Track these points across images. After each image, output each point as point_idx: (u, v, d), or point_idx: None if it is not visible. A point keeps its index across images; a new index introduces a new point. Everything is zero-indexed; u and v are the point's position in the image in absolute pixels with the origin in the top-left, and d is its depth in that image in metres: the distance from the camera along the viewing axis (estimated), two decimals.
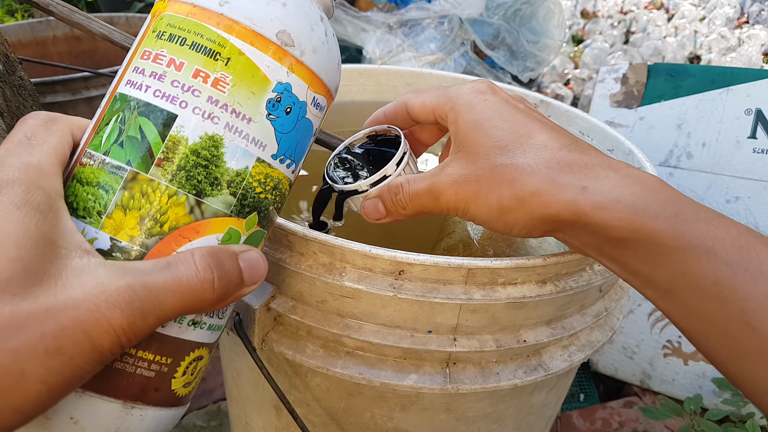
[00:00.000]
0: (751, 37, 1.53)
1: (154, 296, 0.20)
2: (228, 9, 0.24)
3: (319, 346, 0.35)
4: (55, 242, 0.20)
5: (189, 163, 0.23)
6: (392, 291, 0.31)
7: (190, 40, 0.23)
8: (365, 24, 1.15)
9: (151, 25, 0.25)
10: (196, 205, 0.23)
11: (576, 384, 0.89)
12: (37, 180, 0.21)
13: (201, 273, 0.22)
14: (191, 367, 0.25)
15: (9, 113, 0.49)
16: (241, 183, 0.24)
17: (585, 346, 0.38)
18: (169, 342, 0.24)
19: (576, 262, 0.33)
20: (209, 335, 0.26)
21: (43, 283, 0.19)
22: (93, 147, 0.24)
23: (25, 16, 1.80)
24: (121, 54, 0.33)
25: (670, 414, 0.65)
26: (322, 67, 0.26)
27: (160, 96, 0.23)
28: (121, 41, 0.41)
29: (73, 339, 0.18)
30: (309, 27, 0.25)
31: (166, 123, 0.23)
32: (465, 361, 0.35)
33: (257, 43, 0.24)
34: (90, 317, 0.19)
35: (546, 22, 1.19)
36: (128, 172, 0.23)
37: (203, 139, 0.23)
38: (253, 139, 0.24)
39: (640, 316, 0.85)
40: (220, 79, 0.23)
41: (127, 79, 0.24)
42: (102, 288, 0.19)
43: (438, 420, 0.38)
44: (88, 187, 0.23)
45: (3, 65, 0.51)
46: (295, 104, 0.25)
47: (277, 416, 0.43)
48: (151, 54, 0.24)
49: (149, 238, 0.23)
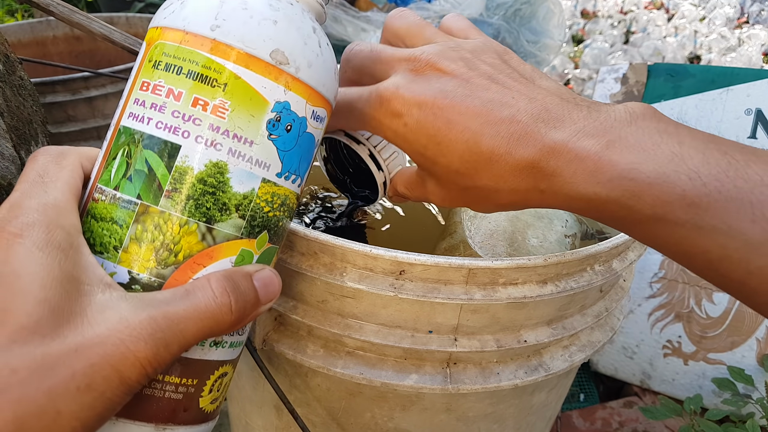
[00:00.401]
0: (751, 37, 1.53)
1: (176, 325, 0.21)
2: (220, 33, 0.23)
3: (320, 346, 0.35)
4: (78, 279, 0.21)
5: (197, 191, 0.23)
6: (393, 291, 0.31)
7: (186, 68, 0.23)
8: (365, 24, 1.15)
9: (147, 55, 0.25)
10: (208, 232, 0.24)
11: (576, 384, 0.89)
12: (56, 219, 0.22)
13: (218, 298, 0.22)
14: (217, 384, 0.26)
15: (9, 113, 0.49)
16: (249, 205, 0.25)
17: (585, 346, 0.38)
18: (193, 364, 0.25)
19: (577, 263, 0.33)
20: (231, 352, 0.27)
21: (70, 322, 0.20)
22: (103, 182, 0.24)
23: (25, 16, 1.80)
24: (121, 54, 0.33)
25: (670, 414, 0.65)
26: (318, 79, 0.26)
27: (162, 127, 0.23)
28: (122, 41, 0.41)
29: (102, 374, 0.19)
30: (302, 42, 0.25)
31: (171, 154, 0.23)
32: (466, 361, 0.35)
33: (252, 66, 0.24)
34: (116, 352, 0.20)
35: (546, 23, 1.19)
36: (139, 205, 0.23)
37: (208, 167, 0.23)
38: (256, 161, 0.25)
39: (640, 316, 0.85)
40: (219, 105, 0.23)
41: (129, 111, 0.24)
42: (126, 322, 0.20)
43: (438, 420, 0.38)
44: (103, 222, 0.24)
45: (3, 65, 0.51)
46: (294, 121, 0.25)
47: (277, 416, 0.43)
48: (149, 85, 0.24)
49: (165, 268, 0.23)
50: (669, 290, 0.83)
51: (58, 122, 0.75)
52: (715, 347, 0.81)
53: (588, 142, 0.23)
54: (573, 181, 0.24)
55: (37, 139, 0.53)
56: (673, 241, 0.23)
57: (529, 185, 0.25)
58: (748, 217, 0.21)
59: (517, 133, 0.25)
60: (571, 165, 0.24)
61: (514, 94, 0.26)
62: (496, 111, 0.25)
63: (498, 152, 0.25)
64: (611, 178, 0.23)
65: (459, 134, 0.26)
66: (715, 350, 0.81)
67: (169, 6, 0.25)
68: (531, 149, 0.25)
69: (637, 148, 0.23)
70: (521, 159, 0.25)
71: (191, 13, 0.24)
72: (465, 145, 0.26)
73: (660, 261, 0.83)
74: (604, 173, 0.23)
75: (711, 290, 0.81)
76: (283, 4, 0.25)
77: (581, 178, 0.23)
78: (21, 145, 0.49)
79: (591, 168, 0.23)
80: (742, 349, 0.79)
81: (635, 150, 0.23)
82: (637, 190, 0.22)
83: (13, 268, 0.20)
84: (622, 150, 0.23)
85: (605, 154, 0.23)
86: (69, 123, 0.76)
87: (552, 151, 0.24)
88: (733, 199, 0.21)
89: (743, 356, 0.79)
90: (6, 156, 0.46)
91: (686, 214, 0.22)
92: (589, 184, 0.23)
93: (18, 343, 0.19)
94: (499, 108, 0.26)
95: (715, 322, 0.81)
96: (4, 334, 0.19)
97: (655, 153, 0.22)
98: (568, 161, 0.24)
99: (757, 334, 0.79)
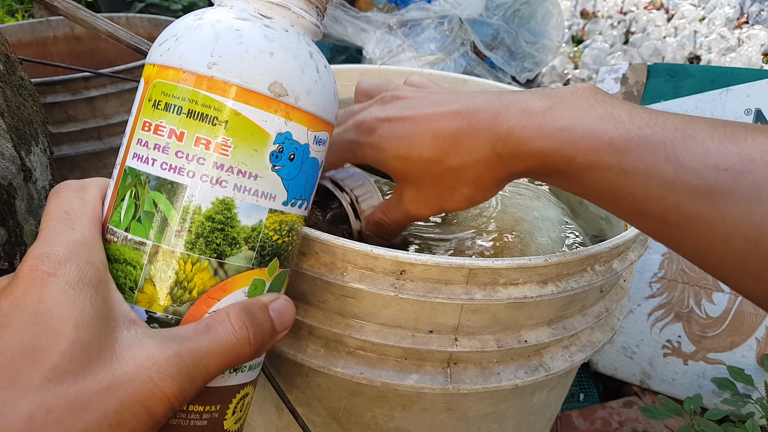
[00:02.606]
0: (751, 37, 1.53)
1: (199, 360, 0.22)
2: (217, 71, 0.23)
3: (321, 346, 0.35)
4: (107, 315, 0.22)
5: (206, 229, 0.24)
6: (393, 291, 0.31)
7: (186, 108, 0.23)
8: (365, 24, 1.15)
9: (146, 94, 0.25)
10: (219, 267, 0.24)
11: (576, 384, 0.89)
12: (86, 256, 0.22)
13: (238, 332, 0.23)
14: (240, 404, 0.27)
15: (9, 113, 0.49)
16: (258, 236, 0.25)
17: (586, 346, 0.38)
18: (215, 392, 0.25)
19: (577, 263, 0.33)
20: (251, 374, 0.28)
21: (100, 359, 0.20)
22: (114, 223, 0.24)
23: (26, 16, 1.80)
24: (122, 54, 0.33)
25: (669, 414, 0.65)
26: (318, 105, 0.26)
27: (167, 168, 0.23)
28: (127, 40, 0.41)
29: (131, 411, 0.20)
30: (300, 70, 0.25)
31: (178, 194, 0.23)
32: (466, 361, 0.35)
33: (251, 101, 0.24)
34: (145, 389, 0.20)
35: (545, 23, 1.19)
36: (150, 246, 0.24)
37: (215, 204, 0.24)
38: (262, 193, 0.25)
39: (640, 316, 0.85)
40: (221, 143, 0.23)
41: (133, 152, 0.24)
42: (153, 360, 0.21)
43: (439, 420, 0.38)
44: (117, 264, 0.24)
45: (3, 65, 0.51)
46: (297, 149, 0.25)
47: (277, 416, 0.43)
48: (151, 125, 0.24)
49: (181, 306, 0.24)
50: (669, 290, 0.83)
51: (58, 122, 0.75)
52: (714, 347, 0.81)
53: (537, 103, 0.27)
54: (523, 136, 0.27)
55: (37, 139, 0.53)
56: (604, 186, 0.25)
57: (489, 151, 0.28)
58: (663, 158, 0.23)
59: (475, 110, 0.29)
60: (521, 123, 0.27)
61: (469, 94, 0.31)
62: (455, 104, 0.30)
63: (461, 129, 0.29)
64: (552, 131, 0.26)
65: (425, 127, 0.30)
66: (715, 350, 0.81)
67: (164, 42, 0.25)
68: (488, 118, 0.28)
69: (576, 107, 0.26)
70: (480, 129, 0.28)
71: (187, 50, 0.24)
72: (432, 134, 0.30)
73: (660, 261, 0.83)
74: (548, 126, 0.26)
75: (711, 290, 0.81)
76: (278, 33, 0.25)
77: (530, 133, 0.27)
78: (21, 145, 0.49)
79: (537, 123, 0.27)
80: (741, 349, 0.80)
81: (574, 109, 0.26)
82: (574, 140, 0.25)
83: (48, 307, 0.20)
84: (563, 109, 0.27)
85: (549, 111, 0.27)
86: (69, 123, 0.76)
87: (505, 117, 0.28)
88: (650, 142, 0.24)
89: (743, 356, 0.79)
90: (6, 156, 0.46)
91: (613, 158, 0.24)
92: (536, 137, 0.27)
93: (53, 382, 0.19)
94: (457, 101, 0.30)
95: (715, 322, 0.81)
96: (39, 373, 0.19)
97: (590, 112, 0.26)
98: (519, 120, 0.27)
99: (757, 334, 0.79)
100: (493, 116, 0.28)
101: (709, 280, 0.81)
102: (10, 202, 0.46)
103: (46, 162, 0.54)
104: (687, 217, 0.23)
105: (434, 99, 0.32)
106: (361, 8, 1.33)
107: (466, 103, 0.30)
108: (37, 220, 0.50)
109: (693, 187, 0.22)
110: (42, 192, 0.52)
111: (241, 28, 0.24)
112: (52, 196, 0.25)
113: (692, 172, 0.22)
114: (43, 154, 0.54)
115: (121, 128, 0.80)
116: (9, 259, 0.45)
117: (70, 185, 0.25)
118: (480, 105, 0.29)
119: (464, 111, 0.29)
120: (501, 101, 0.29)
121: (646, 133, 0.24)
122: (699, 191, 0.22)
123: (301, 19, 0.26)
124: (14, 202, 0.47)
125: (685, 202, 0.23)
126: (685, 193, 0.23)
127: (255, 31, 0.24)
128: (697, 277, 0.81)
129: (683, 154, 0.23)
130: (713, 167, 0.22)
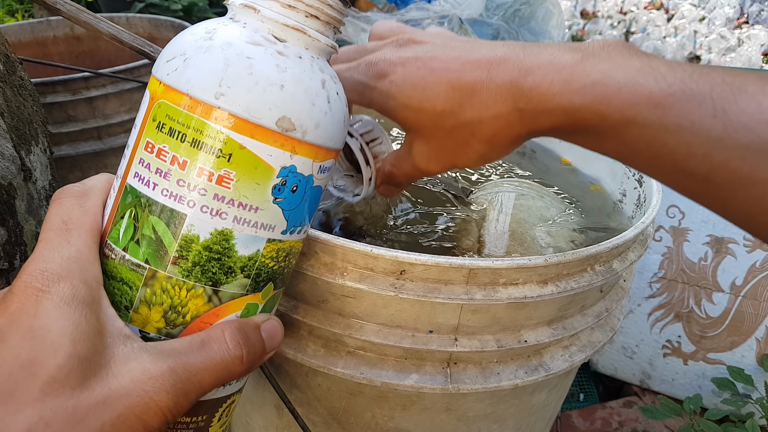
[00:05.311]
0: (751, 37, 1.53)
1: (194, 376, 0.22)
2: (225, 102, 0.22)
3: (321, 346, 0.35)
4: (101, 332, 0.22)
5: (203, 258, 0.24)
6: (393, 291, 0.31)
7: (191, 136, 0.23)
8: (365, 24, 1.15)
9: (151, 112, 0.24)
10: (214, 294, 0.25)
11: (576, 384, 0.89)
12: (79, 274, 0.22)
13: (232, 351, 0.24)
14: (225, 411, 0.28)
15: (9, 113, 0.49)
16: (254, 265, 0.25)
17: (586, 346, 0.38)
18: (204, 404, 0.26)
19: (577, 263, 0.33)
20: (236, 385, 0.28)
21: (97, 374, 0.21)
22: (113, 240, 0.24)
23: (26, 16, 1.80)
24: (122, 54, 0.33)
25: (669, 414, 0.66)
26: (326, 137, 0.25)
27: (168, 195, 0.23)
28: (130, 41, 0.41)
29: (127, 424, 0.20)
30: (310, 103, 0.24)
31: (177, 223, 0.23)
32: (466, 361, 0.35)
33: (258, 135, 0.23)
34: (140, 402, 0.21)
35: (545, 23, 1.19)
36: (147, 270, 0.24)
37: (213, 235, 0.24)
38: (261, 225, 0.24)
39: (640, 316, 0.85)
40: (224, 176, 0.23)
41: (134, 171, 0.24)
42: (149, 374, 0.21)
43: (439, 420, 0.38)
44: (114, 281, 0.24)
45: (3, 65, 0.51)
46: (300, 181, 0.25)
47: (278, 416, 0.43)
48: (154, 147, 0.24)
49: (174, 329, 0.24)
50: (669, 290, 0.83)
51: (58, 122, 0.75)
52: (714, 347, 0.81)
53: (565, 57, 0.25)
54: (549, 92, 0.25)
55: (37, 139, 0.53)
56: (642, 144, 0.23)
57: (509, 107, 0.26)
58: (710, 113, 0.21)
59: (496, 61, 0.27)
60: (547, 77, 0.25)
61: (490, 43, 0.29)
62: (475, 53, 0.28)
63: (480, 80, 0.27)
64: (584, 84, 0.24)
65: (442, 76, 0.28)
66: (715, 350, 0.81)
67: (172, 60, 0.24)
68: (510, 71, 0.26)
69: (609, 60, 0.24)
70: (502, 82, 0.26)
71: (195, 75, 0.23)
72: (448, 84, 0.28)
73: (660, 261, 0.83)
74: (578, 80, 0.24)
75: (711, 290, 0.81)
76: (291, 62, 0.24)
77: (557, 87, 0.25)
78: (21, 145, 0.49)
79: (566, 77, 0.25)
80: (741, 349, 0.80)
81: (606, 61, 0.24)
82: (608, 94, 0.23)
83: (44, 322, 0.20)
84: (595, 62, 0.24)
85: (579, 65, 0.24)
86: (69, 123, 0.76)
87: (530, 70, 0.26)
88: (695, 96, 0.22)
89: (743, 356, 0.79)
90: (6, 156, 0.46)
91: (653, 115, 0.22)
92: (565, 92, 0.24)
93: (51, 395, 0.19)
94: (478, 50, 0.28)
95: (715, 322, 0.81)
96: (37, 386, 0.19)
97: (625, 64, 0.24)
98: (545, 74, 0.25)
99: (757, 334, 0.79)
100: (516, 68, 0.26)
101: (709, 280, 0.81)
102: (10, 202, 0.46)
103: (46, 162, 0.54)
104: (736, 177, 0.21)
105: (453, 45, 0.29)
106: (361, 8, 1.33)
107: (487, 52, 0.27)
108: (36, 220, 0.50)
109: (744, 144, 0.21)
110: (42, 192, 0.52)
111: (252, 56, 0.23)
112: (53, 203, 0.25)
113: (743, 128, 0.21)
114: (43, 154, 0.54)
115: (121, 128, 0.80)
116: (9, 259, 0.45)
117: (72, 191, 0.25)
118: (502, 55, 0.27)
119: (484, 61, 0.27)
120: (525, 52, 0.26)
121: (690, 87, 0.22)
122: (750, 148, 0.21)
123: (316, 42, 0.25)
124: (14, 202, 0.47)
125: (734, 160, 0.21)
126: (735, 150, 0.21)
127: (266, 60, 0.23)
128: (697, 277, 0.81)
129: (732, 108, 0.21)
130: (766, 122, 0.21)
